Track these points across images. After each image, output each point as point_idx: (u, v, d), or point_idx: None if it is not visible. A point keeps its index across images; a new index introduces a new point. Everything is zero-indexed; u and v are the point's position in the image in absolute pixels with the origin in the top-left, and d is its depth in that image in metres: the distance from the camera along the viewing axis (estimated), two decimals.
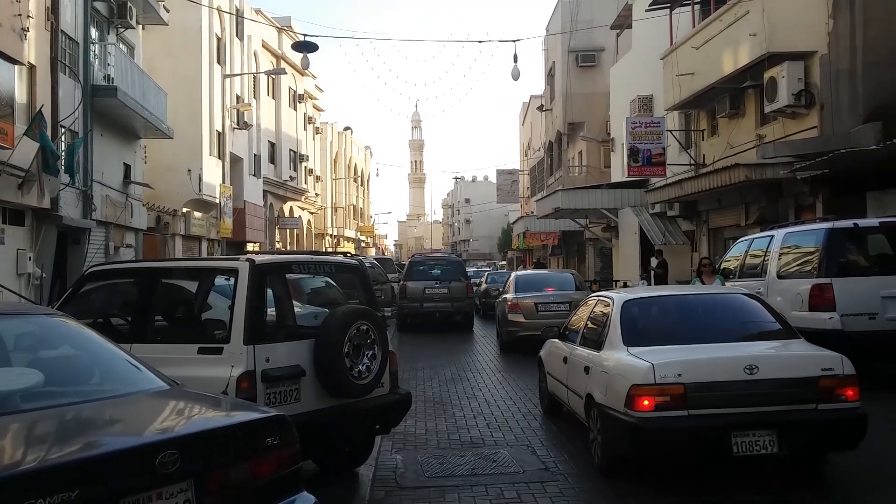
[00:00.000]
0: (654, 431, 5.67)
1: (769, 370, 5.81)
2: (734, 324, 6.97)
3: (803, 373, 5.84)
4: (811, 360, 6.00)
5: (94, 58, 18.81)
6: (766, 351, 6.37)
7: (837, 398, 5.79)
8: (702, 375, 5.75)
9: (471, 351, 16.21)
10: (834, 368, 5.87)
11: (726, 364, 5.88)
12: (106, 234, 19.71)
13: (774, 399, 5.74)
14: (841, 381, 5.83)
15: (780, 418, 5.70)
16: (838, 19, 14.17)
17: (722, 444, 5.61)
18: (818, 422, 5.75)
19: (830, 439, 5.91)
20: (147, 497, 2.97)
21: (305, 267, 6.59)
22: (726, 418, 5.66)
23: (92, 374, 4.06)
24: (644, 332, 6.72)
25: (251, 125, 33.10)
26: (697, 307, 7.40)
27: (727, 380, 5.74)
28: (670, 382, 5.71)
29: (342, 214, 62.37)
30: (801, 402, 5.76)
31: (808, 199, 15.30)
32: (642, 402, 5.73)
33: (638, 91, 24.70)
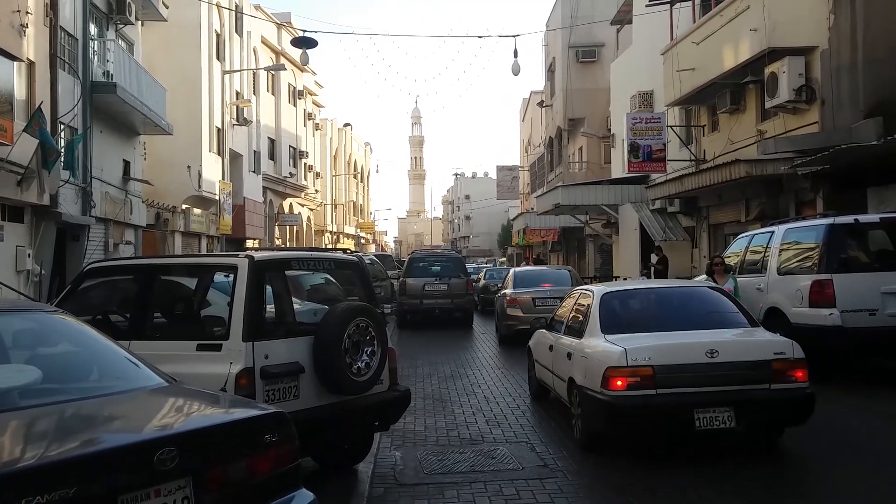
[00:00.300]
0: (626, 408, 6.41)
1: (728, 354, 6.54)
2: (700, 314, 7.66)
3: (758, 356, 6.59)
4: (765, 345, 6.79)
5: (93, 54, 18.77)
6: (726, 337, 7.05)
7: (788, 379, 6.51)
8: (668, 359, 6.50)
9: (470, 348, 16.20)
10: (785, 353, 6.61)
11: (690, 349, 6.60)
12: (105, 231, 19.70)
13: (732, 379, 6.46)
14: (791, 364, 6.56)
15: (737, 397, 6.41)
16: (839, 14, 14.14)
17: (686, 420, 6.35)
18: (771, 400, 6.47)
19: (782, 415, 6.65)
20: (145, 494, 2.97)
21: (305, 263, 6.58)
22: (690, 397, 6.39)
23: (90, 371, 4.05)
24: (620, 322, 7.44)
25: (251, 121, 33.07)
26: (668, 299, 8.21)
27: (690, 362, 6.48)
28: (641, 365, 6.45)
29: (342, 211, 62.37)
30: (755, 382, 6.49)
31: (809, 194, 15.29)
32: (616, 383, 6.45)
33: (638, 87, 24.67)
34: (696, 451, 6.87)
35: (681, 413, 6.37)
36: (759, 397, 6.46)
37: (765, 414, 6.58)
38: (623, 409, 6.42)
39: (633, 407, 6.41)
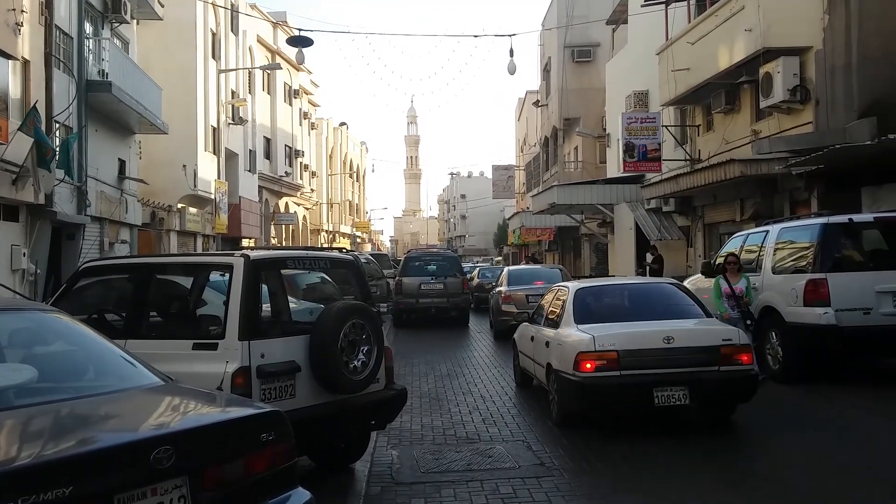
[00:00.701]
0: (594, 387, 7.36)
1: (682, 340, 7.51)
2: (660, 306, 8.65)
3: (708, 342, 7.56)
4: (714, 333, 7.75)
5: (88, 53, 18.73)
6: (681, 326, 7.97)
7: (735, 362, 7.45)
8: (630, 344, 7.48)
9: (466, 346, 16.21)
10: (732, 339, 7.58)
11: (649, 336, 7.61)
12: (100, 230, 19.66)
13: (686, 362, 7.39)
14: (737, 349, 7.50)
15: (691, 377, 7.34)
16: (834, 14, 14.18)
17: (646, 397, 7.30)
18: (719, 380, 7.45)
19: (729, 394, 7.66)
20: (142, 493, 2.97)
21: (301, 263, 6.58)
22: (649, 377, 7.33)
23: (86, 370, 4.04)
24: (591, 313, 8.40)
25: (246, 120, 33.03)
26: (633, 294, 9.33)
27: (650, 348, 7.46)
28: (607, 350, 7.41)
29: (338, 210, 62.31)
30: (706, 364, 7.42)
31: (803, 194, 15.33)
32: (586, 365, 7.40)
33: (633, 86, 24.70)
34: (694, 455, 6.89)
35: (641, 391, 7.33)
36: (710, 378, 7.40)
37: (714, 392, 7.55)
38: (592, 388, 7.36)
39: (601, 386, 7.35)
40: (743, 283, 10.32)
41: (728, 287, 10.22)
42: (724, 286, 10.30)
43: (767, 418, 8.23)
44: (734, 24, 16.12)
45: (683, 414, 7.96)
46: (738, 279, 10.37)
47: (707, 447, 7.16)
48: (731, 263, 10.56)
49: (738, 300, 10.11)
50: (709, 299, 12.67)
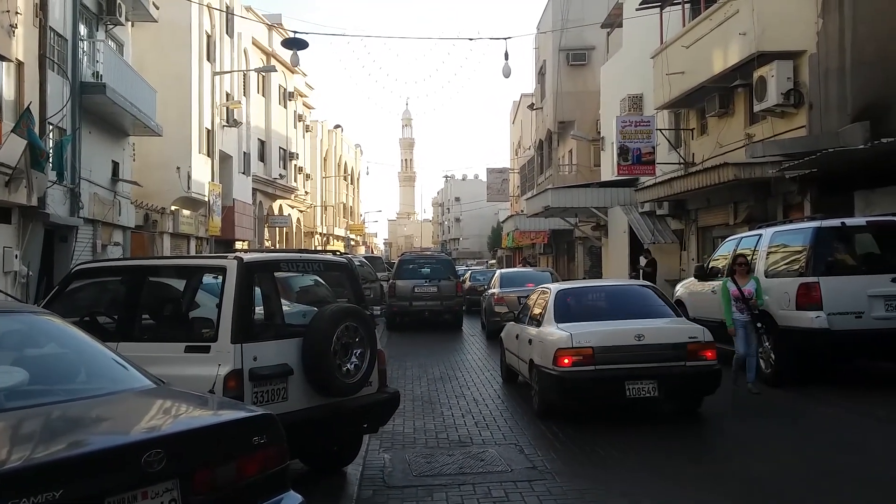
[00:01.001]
0: (572, 381, 8.03)
1: (652, 338, 8.19)
2: (634, 307, 9.25)
3: (676, 339, 8.24)
4: (682, 331, 8.42)
5: (82, 55, 18.68)
6: (652, 325, 8.61)
7: (700, 357, 8.14)
8: (604, 341, 8.13)
9: (460, 350, 16.21)
10: (698, 337, 8.25)
11: (622, 334, 8.26)
12: (93, 232, 19.59)
13: (655, 358, 8.06)
14: (703, 346, 8.19)
15: (659, 372, 8.02)
16: (827, 19, 14.23)
17: (618, 390, 7.97)
18: (686, 374, 8.13)
19: (695, 387, 8.35)
20: (132, 496, 2.96)
21: (294, 265, 6.57)
22: (621, 371, 7.98)
23: (78, 373, 4.03)
24: (570, 313, 9.02)
25: (241, 123, 32.97)
26: (609, 295, 9.88)
27: (622, 344, 8.11)
28: (583, 346, 8.05)
29: (332, 213, 62.26)
30: (674, 360, 8.10)
31: (797, 198, 15.37)
32: (564, 361, 8.05)
33: (628, 90, 24.74)
34: (681, 457, 6.90)
35: (614, 385, 7.98)
36: (677, 372, 8.09)
37: (681, 385, 8.25)
38: (569, 381, 8.05)
39: (577, 380, 8.03)
40: (752, 284, 9.87)
41: (736, 289, 9.78)
42: (732, 289, 9.85)
43: (760, 422, 8.27)
44: (728, 28, 16.17)
45: (654, 407, 8.59)
46: (748, 280, 9.93)
47: (696, 451, 7.18)
48: (740, 264, 10.15)
49: (747, 303, 9.67)
50: (701, 303, 12.75)
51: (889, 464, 6.53)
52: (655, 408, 8.69)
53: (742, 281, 9.88)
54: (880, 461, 6.62)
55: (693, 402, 8.68)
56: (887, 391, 9.28)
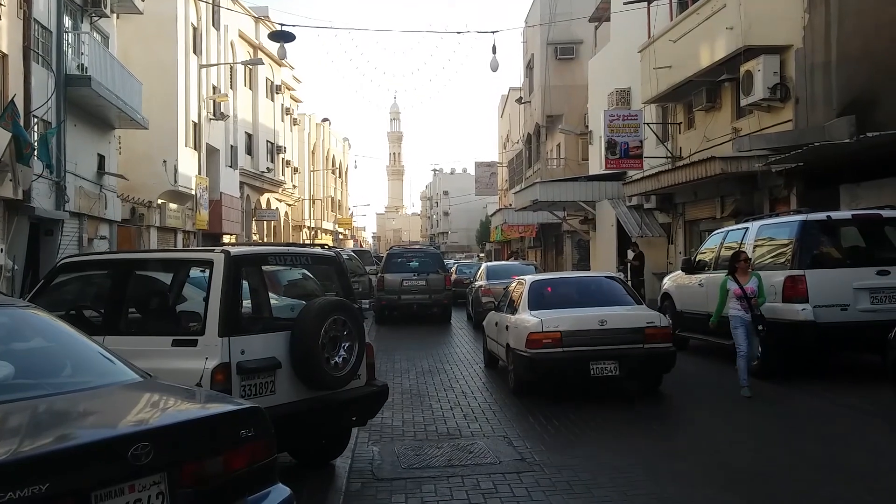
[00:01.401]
0: (542, 361, 8.97)
1: (614, 323, 9.14)
2: (599, 296, 10.22)
3: (635, 324, 9.17)
4: (640, 317, 9.40)
5: (67, 47, 18.53)
6: (614, 311, 9.61)
7: (657, 340, 9.06)
8: (571, 326, 9.06)
9: (448, 343, 16.23)
10: (655, 322, 9.22)
11: (587, 319, 9.20)
12: (79, 226, 19.47)
13: (616, 341, 8.98)
14: (659, 330, 9.13)
15: (620, 353, 8.92)
16: (814, 13, 14.30)
17: (583, 369, 8.90)
18: (643, 355, 9.05)
19: (652, 367, 9.26)
20: (119, 490, 2.95)
21: (282, 259, 6.55)
22: (586, 353, 8.89)
23: (64, 367, 4.00)
24: (542, 301, 9.96)
25: (228, 116, 32.82)
26: (577, 285, 10.93)
27: (587, 329, 9.05)
28: (552, 330, 8.99)
29: (320, 206, 62.12)
30: (633, 343, 9.01)
31: (783, 191, 15.46)
32: (535, 344, 8.96)
33: (616, 84, 24.78)
34: (677, 449, 6.94)
35: (580, 364, 8.90)
36: (635, 353, 9.01)
37: (640, 365, 9.15)
38: (540, 362, 8.97)
39: (547, 360, 8.95)
40: (754, 282, 9.40)
41: (738, 288, 9.28)
42: (733, 287, 9.33)
43: (748, 414, 8.33)
44: (715, 23, 16.22)
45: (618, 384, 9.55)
46: (749, 278, 9.47)
47: (683, 444, 7.23)
48: (742, 261, 9.57)
49: (748, 301, 9.19)
50: (688, 296, 12.81)
51: (872, 455, 6.59)
52: (650, 403, 8.73)
53: (744, 278, 9.47)
54: (864, 452, 6.68)
55: (652, 381, 9.58)
56: (872, 383, 9.34)
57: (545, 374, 9.19)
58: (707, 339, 12.27)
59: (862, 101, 12.94)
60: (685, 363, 12.24)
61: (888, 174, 12.31)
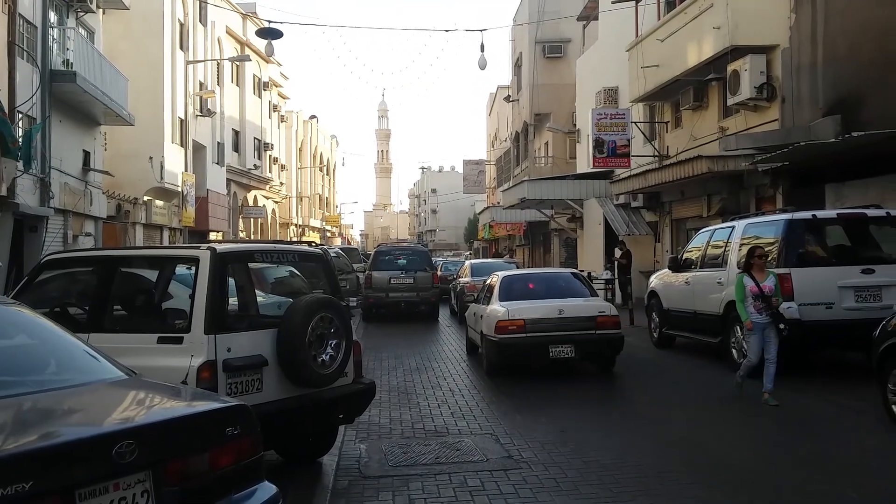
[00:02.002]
0: (508, 346, 10.45)
1: (570, 312, 10.56)
2: (560, 289, 11.64)
3: (588, 313, 10.61)
4: (593, 307, 10.83)
5: (52, 42, 18.37)
6: (571, 302, 10.96)
7: (607, 327, 10.54)
8: (533, 315, 10.50)
9: (436, 341, 16.23)
10: (605, 311, 10.73)
11: (547, 309, 10.65)
12: (64, 223, 19.33)
13: (573, 328, 10.40)
14: (609, 318, 10.58)
15: (575, 338, 10.35)
16: (800, 13, 14.38)
17: (544, 352, 10.30)
18: (595, 340, 10.52)
19: (602, 350, 10.75)
20: (104, 488, 2.93)
21: (268, 256, 6.51)
22: (546, 338, 10.29)
23: (48, 364, 3.97)
24: (511, 293, 11.38)
25: (214, 112, 32.64)
26: (543, 280, 12.52)
27: (547, 317, 10.50)
28: (517, 318, 10.41)
29: (307, 204, 61.93)
30: (587, 329, 10.45)
31: (769, 190, 15.55)
32: (502, 330, 10.40)
33: (604, 83, 24.85)
34: (658, 446, 6.96)
35: (540, 348, 10.32)
36: (588, 338, 10.44)
37: (592, 349, 10.65)
38: (507, 346, 10.45)
39: (512, 345, 10.42)
40: (771, 280, 8.74)
41: (755, 285, 8.63)
42: (749, 285, 8.69)
43: (733, 410, 8.37)
44: (703, 22, 16.29)
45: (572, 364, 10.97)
46: (766, 276, 8.78)
47: (671, 440, 7.25)
48: (758, 257, 8.84)
49: (766, 301, 8.56)
50: (674, 294, 12.86)
51: (857, 451, 6.64)
52: (639, 402, 8.74)
53: (760, 276, 8.74)
54: (849, 448, 6.73)
55: (605, 363, 11.10)
56: (856, 381, 9.42)
57: (511, 357, 10.61)
58: (693, 337, 12.34)
59: (847, 101, 13.02)
60: (671, 361, 12.31)
61: (873, 173, 12.41)
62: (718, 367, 11.00)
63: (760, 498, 5.51)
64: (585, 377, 11.13)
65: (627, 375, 11.32)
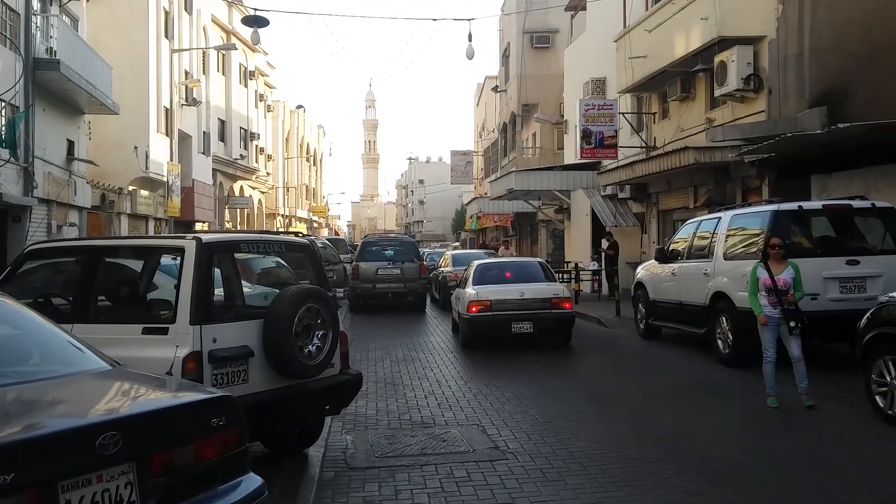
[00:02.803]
0: (478, 322, 12.61)
1: (530, 294, 12.62)
2: (524, 275, 13.67)
3: (545, 295, 12.65)
4: (550, 290, 12.88)
5: (36, 30, 18.14)
6: (531, 286, 12.97)
7: (560, 307, 12.59)
8: (499, 296, 12.57)
9: (423, 332, 16.22)
10: (559, 294, 12.79)
11: (510, 292, 12.70)
12: (48, 212, 19.15)
13: (532, 307, 12.47)
14: (562, 300, 12.68)
15: (534, 316, 12.41)
16: (787, 5, 14.40)
17: (507, 328, 12.39)
18: (550, 318, 12.53)
19: (557, 326, 12.70)
20: (87, 479, 2.91)
21: (255, 246, 6.47)
22: (509, 316, 12.39)
23: (31, 355, 3.94)
24: (482, 279, 13.47)
25: (200, 102, 32.39)
26: (511, 267, 14.47)
27: (510, 298, 12.53)
28: (484, 300, 12.56)
29: (294, 194, 61.68)
30: (543, 309, 12.50)
31: (755, 181, 15.60)
32: (472, 309, 12.58)
33: (591, 73, 24.83)
34: (643, 444, 6.99)
35: (504, 324, 12.40)
36: (545, 317, 12.49)
37: (548, 325, 12.58)
38: (476, 322, 12.62)
39: (481, 321, 12.57)
40: (789, 272, 8.14)
41: (768, 277, 8.10)
42: (763, 276, 8.16)
43: (716, 402, 8.40)
44: (690, 13, 16.29)
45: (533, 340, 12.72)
46: (784, 268, 8.20)
47: (649, 433, 7.28)
48: (774, 247, 8.29)
49: (780, 296, 8.01)
50: (661, 285, 12.90)
51: (841, 443, 6.69)
52: (624, 394, 8.74)
53: (777, 268, 8.19)
54: (832, 440, 6.78)
55: (561, 338, 12.93)
56: (840, 371, 9.49)
57: (480, 331, 12.70)
58: (680, 328, 12.39)
59: (833, 93, 13.07)
60: (657, 352, 12.38)
61: (858, 165, 12.47)
62: (704, 358, 11.06)
63: (744, 488, 5.54)
64: (574, 370, 11.17)
65: (613, 366, 11.37)
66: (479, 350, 12.63)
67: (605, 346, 13.32)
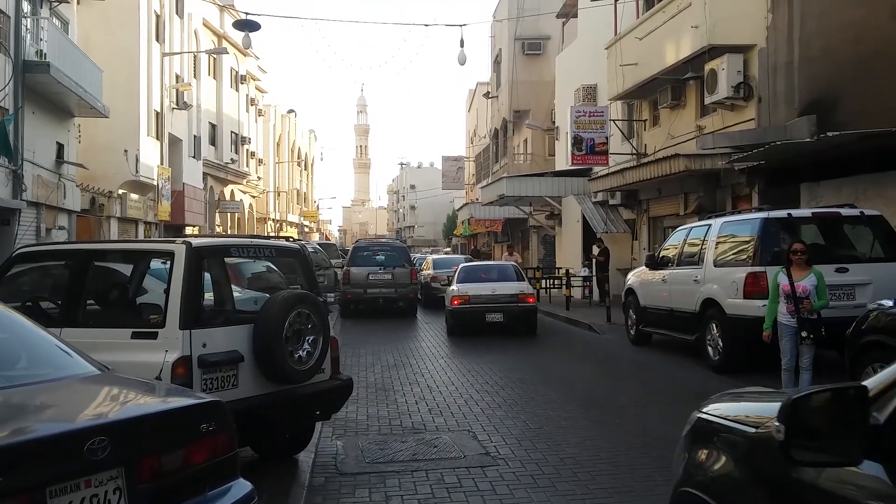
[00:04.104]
0: (458, 313, 15.56)
1: (500, 291, 15.61)
2: (498, 275, 16.63)
3: (512, 292, 15.58)
4: (517, 287, 15.83)
5: (25, 32, 18.07)
6: (503, 285, 15.90)
7: (525, 301, 15.47)
8: (475, 292, 15.58)
9: (414, 337, 16.21)
10: (524, 290, 15.76)
11: (485, 289, 15.68)
12: (37, 216, 19.05)
13: (501, 301, 15.37)
14: (527, 295, 15.66)
15: (503, 308, 15.29)
16: (777, 13, 14.49)
17: (482, 318, 15.26)
18: (517, 311, 15.34)
19: (522, 317, 15.43)
20: (75, 485, 2.88)
21: (245, 251, 6.46)
22: (484, 307, 15.31)
23: (18, 359, 3.90)
24: (465, 278, 16.40)
25: (191, 105, 32.33)
26: (488, 269, 17.68)
27: (484, 294, 15.58)
28: (463, 294, 15.59)
29: (285, 199, 61.58)
30: (511, 303, 15.34)
31: (745, 189, 15.68)
32: (454, 302, 15.58)
33: (582, 80, 24.91)
34: (635, 452, 6.99)
35: (479, 314, 15.29)
36: (513, 309, 15.31)
37: (515, 316, 15.33)
38: (457, 313, 15.55)
39: (461, 313, 15.50)
40: (811, 280, 7.83)
41: (788, 283, 7.81)
42: (783, 283, 7.86)
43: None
44: (681, 21, 16.37)
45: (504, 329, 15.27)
46: (806, 274, 7.87)
47: (646, 437, 7.29)
48: (796, 253, 7.94)
49: (798, 303, 7.72)
50: (651, 291, 12.93)
51: None
52: (613, 401, 8.73)
53: (799, 274, 7.86)
54: None
55: (526, 328, 15.53)
56: (829, 379, 9.50)
57: (461, 321, 15.50)
58: (670, 335, 12.42)
59: (823, 101, 13.15)
60: (647, 358, 12.39)
61: (847, 173, 12.55)
62: (694, 365, 11.08)
63: None
64: (564, 375, 11.18)
65: (604, 372, 11.38)
66: (471, 355, 12.62)
67: (595, 353, 13.33)
